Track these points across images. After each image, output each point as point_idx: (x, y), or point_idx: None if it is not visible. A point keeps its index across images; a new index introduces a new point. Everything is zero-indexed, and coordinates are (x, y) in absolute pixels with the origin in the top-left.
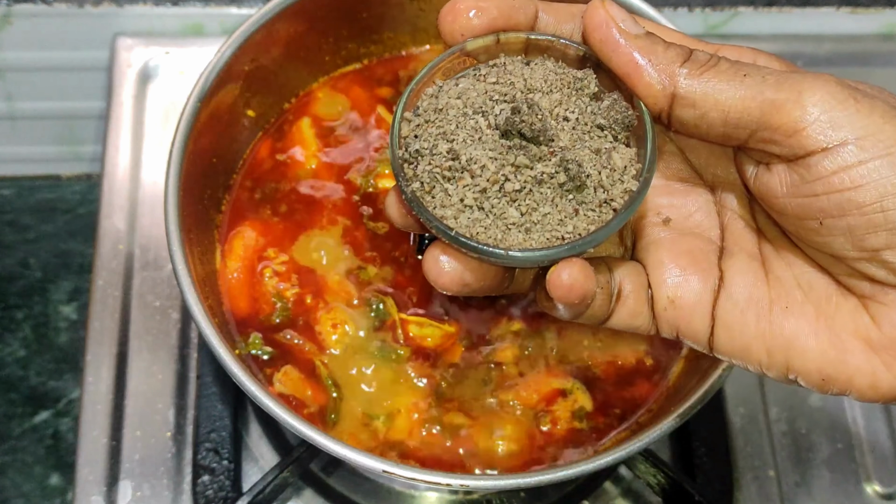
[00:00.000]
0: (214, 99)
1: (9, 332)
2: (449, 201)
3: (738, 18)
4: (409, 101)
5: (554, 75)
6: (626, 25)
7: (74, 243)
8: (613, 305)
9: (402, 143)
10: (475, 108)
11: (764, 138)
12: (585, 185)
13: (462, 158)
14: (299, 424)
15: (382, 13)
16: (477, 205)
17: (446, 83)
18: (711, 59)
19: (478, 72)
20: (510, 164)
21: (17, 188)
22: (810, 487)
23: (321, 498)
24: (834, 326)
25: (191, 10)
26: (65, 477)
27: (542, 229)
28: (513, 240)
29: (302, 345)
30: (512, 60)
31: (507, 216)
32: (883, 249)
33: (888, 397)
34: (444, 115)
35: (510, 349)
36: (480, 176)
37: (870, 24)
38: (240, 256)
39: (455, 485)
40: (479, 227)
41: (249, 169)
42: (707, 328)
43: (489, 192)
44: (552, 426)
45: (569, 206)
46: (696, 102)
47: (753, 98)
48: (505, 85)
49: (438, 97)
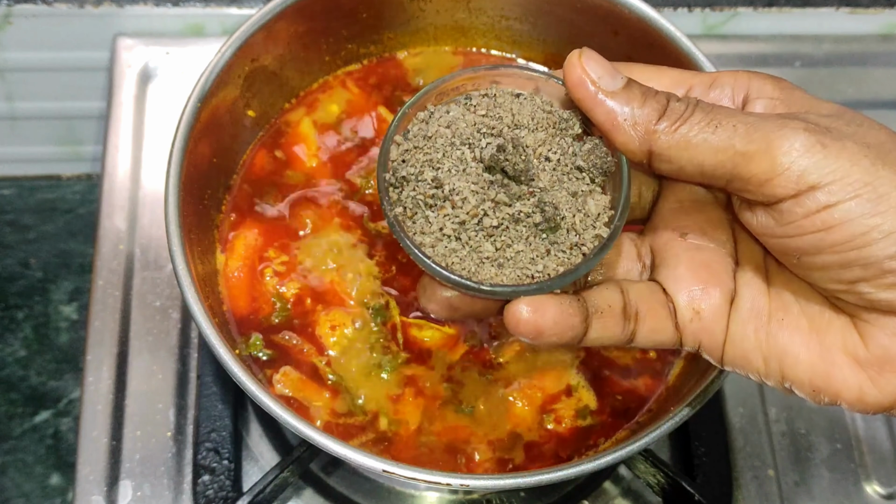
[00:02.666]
0: (214, 99)
1: (9, 332)
2: (429, 228)
3: (737, 18)
4: (400, 125)
5: (541, 113)
6: (604, 83)
7: (75, 243)
8: (633, 326)
9: (389, 167)
10: (462, 139)
11: (738, 188)
12: (560, 227)
13: (445, 188)
14: (299, 424)
15: (382, 13)
16: (455, 235)
17: (438, 109)
18: (687, 109)
19: (469, 101)
20: (490, 200)
21: (18, 188)
22: (810, 487)
23: (321, 498)
24: (825, 341)
25: (191, 11)
26: (65, 477)
27: (513, 266)
28: (485, 273)
29: (300, 345)
30: (503, 93)
31: (483, 250)
32: (858, 282)
33: (875, 409)
34: (433, 143)
35: (514, 347)
36: (461, 208)
37: (869, 24)
38: (241, 256)
39: (455, 484)
40: (454, 257)
41: (250, 169)
42: (723, 340)
43: (468, 224)
44: (556, 424)
45: (542, 245)
46: (671, 158)
47: (725, 151)
48: (493, 118)
49: (429, 123)
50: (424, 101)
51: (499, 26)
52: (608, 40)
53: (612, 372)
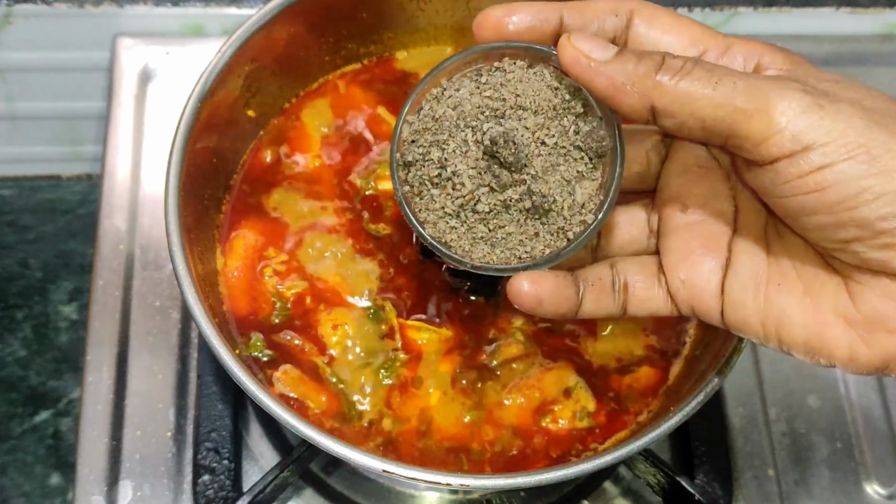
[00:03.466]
0: (214, 99)
1: (9, 332)
2: (433, 206)
3: (737, 18)
4: (413, 104)
5: (547, 91)
6: (596, 54)
7: (75, 243)
8: (623, 297)
9: (400, 146)
10: (466, 121)
11: (736, 145)
12: (551, 210)
13: (448, 169)
14: (299, 424)
15: (382, 13)
16: (455, 214)
17: (449, 86)
18: (686, 64)
19: (479, 78)
20: (485, 185)
21: (18, 188)
22: (810, 487)
23: (321, 498)
24: (819, 303)
25: (191, 11)
26: (65, 477)
27: (504, 246)
28: (478, 252)
29: (301, 345)
30: (513, 66)
31: (477, 230)
32: (852, 241)
33: (868, 369)
34: (440, 125)
35: (513, 348)
36: (459, 190)
37: (869, 24)
38: (240, 255)
39: (455, 484)
40: (452, 234)
41: (250, 169)
42: (718, 304)
43: (466, 205)
44: (555, 425)
45: (531, 228)
46: (674, 113)
47: (724, 107)
48: (497, 100)
49: (439, 102)
50: (439, 78)
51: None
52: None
53: (612, 373)
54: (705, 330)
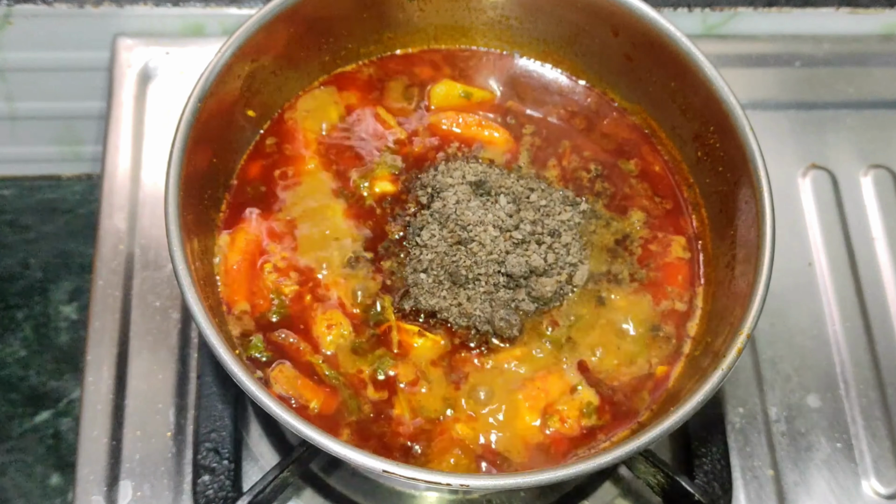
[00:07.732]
0: (214, 99)
1: (9, 332)
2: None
3: (737, 18)
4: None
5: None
6: None
7: (75, 243)
8: None
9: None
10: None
11: None
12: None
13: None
14: (299, 424)
15: (382, 13)
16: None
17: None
18: None
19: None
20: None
21: (18, 188)
22: (809, 487)
23: (321, 498)
24: None
25: (191, 11)
26: (65, 477)
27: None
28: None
29: (296, 344)
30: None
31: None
32: None
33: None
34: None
35: (511, 351)
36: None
37: (869, 25)
38: (240, 253)
39: (455, 484)
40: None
41: (250, 169)
42: None
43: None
44: (560, 424)
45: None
46: None
47: None
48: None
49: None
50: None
51: (499, 26)
52: (608, 40)
53: (611, 373)
54: (705, 329)
